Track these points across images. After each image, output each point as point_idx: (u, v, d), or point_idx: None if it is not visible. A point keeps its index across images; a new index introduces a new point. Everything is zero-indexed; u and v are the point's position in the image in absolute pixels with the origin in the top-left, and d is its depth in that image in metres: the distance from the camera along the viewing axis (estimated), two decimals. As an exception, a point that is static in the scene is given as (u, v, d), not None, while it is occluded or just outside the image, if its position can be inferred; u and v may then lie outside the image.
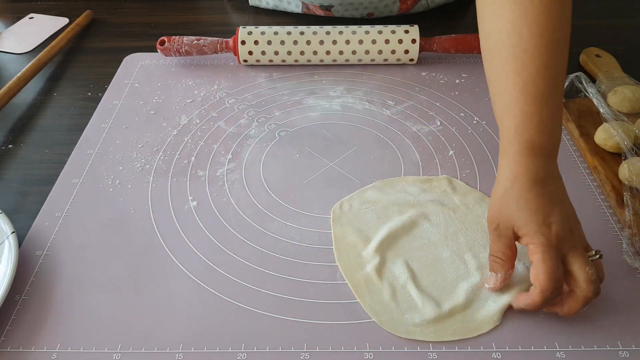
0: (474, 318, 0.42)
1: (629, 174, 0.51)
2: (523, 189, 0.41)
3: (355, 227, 0.49)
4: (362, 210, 0.51)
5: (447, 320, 0.42)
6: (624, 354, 0.40)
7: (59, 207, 0.53)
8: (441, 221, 0.50)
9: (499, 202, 0.42)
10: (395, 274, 0.45)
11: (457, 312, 0.43)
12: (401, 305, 0.43)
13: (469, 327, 0.42)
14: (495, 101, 0.45)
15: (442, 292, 0.44)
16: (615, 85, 0.62)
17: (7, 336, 0.42)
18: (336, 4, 0.78)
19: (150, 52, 0.76)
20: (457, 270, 0.46)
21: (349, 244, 0.48)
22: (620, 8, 0.86)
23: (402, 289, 0.44)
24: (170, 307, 0.44)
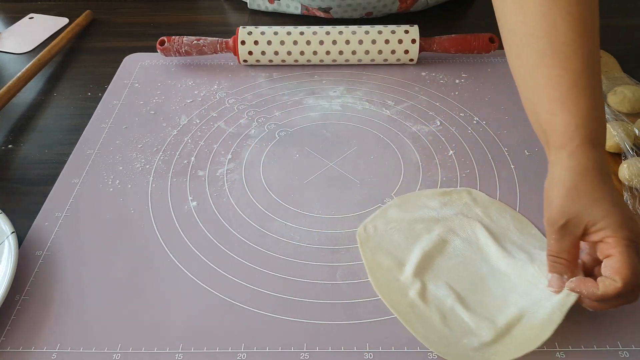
0: (532, 326, 0.40)
1: (628, 174, 0.51)
2: (596, 182, 0.39)
3: (385, 250, 0.47)
4: (389, 231, 0.49)
5: (507, 337, 0.40)
6: (624, 354, 0.40)
7: (59, 207, 0.53)
8: (470, 235, 0.48)
9: (567, 198, 0.39)
10: (439, 297, 0.43)
11: (514, 326, 0.41)
12: (455, 330, 0.41)
13: (531, 337, 0.39)
14: (534, 96, 0.43)
15: (493, 309, 0.42)
16: (615, 85, 0.63)
17: (7, 336, 0.42)
18: (334, 5, 0.78)
19: (150, 52, 0.76)
20: (501, 283, 0.44)
21: (384, 269, 0.46)
22: (620, 8, 0.86)
23: (451, 312, 0.42)
24: (169, 307, 0.44)
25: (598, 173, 0.39)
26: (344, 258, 0.48)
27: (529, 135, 0.60)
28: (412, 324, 0.42)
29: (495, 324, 0.41)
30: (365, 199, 0.54)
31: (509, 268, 0.45)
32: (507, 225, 0.49)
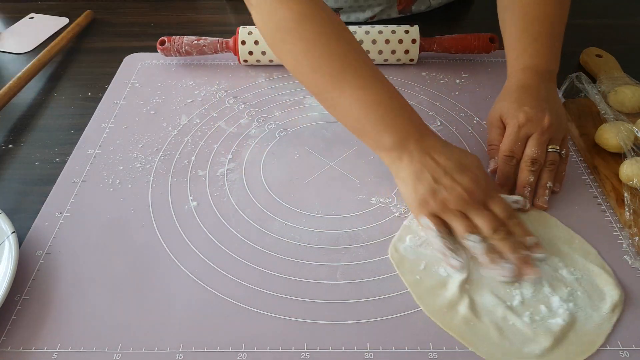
0: (586, 331, 0.41)
1: (629, 174, 0.51)
2: (511, 90, 0.55)
3: (424, 268, 0.46)
4: (420, 248, 0.48)
5: (564, 343, 0.41)
6: (624, 354, 0.40)
7: (59, 207, 0.53)
8: None
9: (495, 105, 0.56)
10: (489, 308, 0.43)
11: (568, 331, 0.41)
12: (514, 340, 0.41)
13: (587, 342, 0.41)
14: (505, 44, 0.59)
15: (543, 312, 0.42)
16: (616, 85, 0.62)
17: (8, 336, 0.42)
18: (346, 6, 0.79)
19: (150, 52, 0.76)
20: (539, 286, 0.44)
21: (428, 288, 0.45)
22: (620, 8, 0.86)
23: (504, 322, 0.42)
24: (170, 307, 0.44)
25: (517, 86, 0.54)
26: (344, 258, 0.48)
27: (529, 135, 0.60)
28: (471, 341, 0.41)
29: (550, 329, 0.41)
30: (365, 199, 0.54)
31: (549, 270, 0.45)
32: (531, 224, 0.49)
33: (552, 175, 0.52)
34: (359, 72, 0.49)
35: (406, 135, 0.48)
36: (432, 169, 0.47)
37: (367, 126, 0.49)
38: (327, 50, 0.49)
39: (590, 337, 0.41)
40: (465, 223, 0.46)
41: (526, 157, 0.52)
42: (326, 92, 0.50)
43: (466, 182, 0.46)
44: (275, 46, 0.52)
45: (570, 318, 0.42)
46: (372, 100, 0.48)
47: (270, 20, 0.51)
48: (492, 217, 0.46)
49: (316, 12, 0.50)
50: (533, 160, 0.51)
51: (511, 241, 0.45)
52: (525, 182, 0.51)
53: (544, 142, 0.52)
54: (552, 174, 0.52)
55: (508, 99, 0.54)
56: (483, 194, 0.46)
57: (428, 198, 0.47)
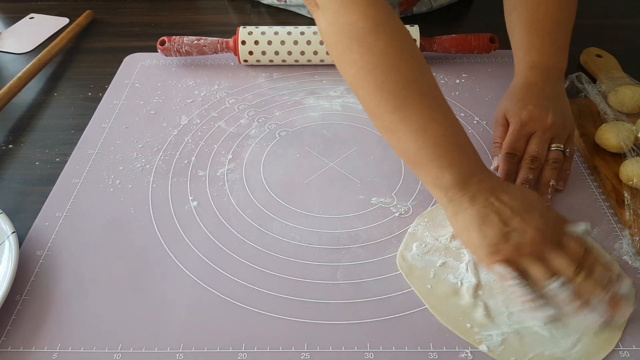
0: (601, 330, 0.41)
1: (629, 174, 0.51)
2: (517, 89, 0.55)
3: (434, 276, 0.46)
4: (427, 255, 0.47)
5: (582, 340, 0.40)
6: (624, 354, 0.40)
7: (59, 207, 0.53)
8: None
9: (500, 103, 0.56)
10: (504, 314, 0.42)
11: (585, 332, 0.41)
12: (534, 344, 0.40)
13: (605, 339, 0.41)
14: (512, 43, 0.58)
15: None
16: (616, 85, 0.62)
17: (8, 336, 0.42)
18: None
19: (150, 52, 0.76)
20: None
21: (441, 297, 0.44)
22: (620, 8, 0.86)
23: (518, 324, 0.42)
24: (170, 307, 0.44)
25: (522, 84, 0.55)
26: (345, 258, 0.48)
27: (529, 135, 0.60)
28: (496, 351, 0.40)
29: (567, 328, 0.41)
30: (365, 199, 0.54)
31: None
32: None
33: (554, 173, 0.51)
34: (427, 99, 0.44)
35: (469, 175, 0.43)
36: (498, 211, 0.42)
37: (426, 160, 0.44)
38: (396, 68, 0.43)
39: (607, 333, 0.41)
40: (544, 268, 0.41)
41: (527, 154, 0.52)
42: (387, 114, 0.44)
43: (537, 222, 0.42)
44: (339, 54, 0.46)
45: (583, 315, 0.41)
46: (437, 133, 0.43)
47: (339, 26, 0.45)
48: (570, 256, 0.42)
49: (390, 22, 0.44)
50: (533, 158, 0.51)
51: (594, 281, 0.41)
52: (524, 179, 0.51)
53: (545, 140, 0.52)
54: (555, 172, 0.51)
55: (513, 97, 0.54)
56: (555, 232, 0.43)
57: (499, 243, 0.42)
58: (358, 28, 0.43)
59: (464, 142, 0.45)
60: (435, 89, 0.45)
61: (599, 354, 0.40)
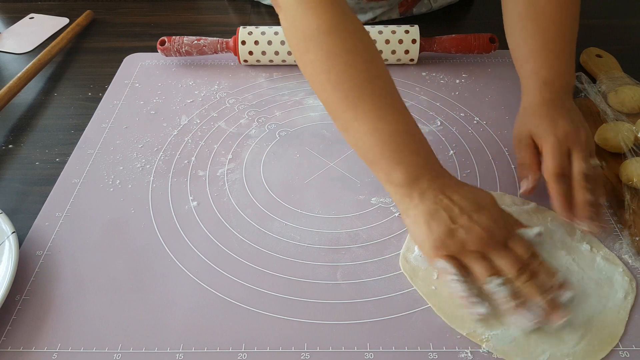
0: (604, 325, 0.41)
1: (629, 174, 0.51)
2: (537, 108, 0.51)
3: (437, 278, 0.45)
4: None
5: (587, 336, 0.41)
6: (624, 354, 0.40)
7: (59, 207, 0.53)
8: None
9: (520, 122, 0.53)
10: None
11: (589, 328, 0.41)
12: (539, 342, 0.40)
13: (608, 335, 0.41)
14: (517, 57, 0.56)
15: None
16: (616, 85, 0.62)
17: (8, 336, 0.42)
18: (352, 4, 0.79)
19: (150, 52, 0.76)
20: None
21: (446, 299, 0.44)
22: (620, 8, 0.86)
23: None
24: (170, 307, 0.44)
25: (541, 102, 0.51)
26: (345, 258, 0.48)
27: (529, 135, 0.60)
28: (501, 349, 0.40)
29: (572, 326, 0.41)
30: (365, 199, 0.54)
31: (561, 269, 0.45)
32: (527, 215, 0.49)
33: (600, 191, 0.49)
34: (379, 98, 0.46)
35: (419, 173, 0.45)
36: (447, 208, 0.43)
37: (378, 158, 0.46)
38: (349, 69, 0.45)
39: (610, 328, 0.41)
40: (486, 265, 0.42)
41: (577, 174, 0.47)
42: (341, 113, 0.47)
43: (484, 221, 0.43)
44: (298, 54, 0.48)
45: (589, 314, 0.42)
46: (387, 132, 0.45)
47: (297, 27, 0.47)
48: (514, 257, 0.42)
49: (345, 23, 0.46)
50: (586, 175, 0.47)
51: (537, 283, 0.41)
52: (585, 201, 0.47)
53: (587, 157, 0.49)
54: (602, 190, 0.49)
55: (537, 115, 0.51)
56: (502, 233, 0.43)
57: (445, 239, 0.43)
58: (313, 30, 0.46)
59: (415, 141, 0.46)
60: (390, 89, 0.47)
61: (603, 349, 0.40)
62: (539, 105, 0.51)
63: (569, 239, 0.48)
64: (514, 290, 0.41)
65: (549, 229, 0.49)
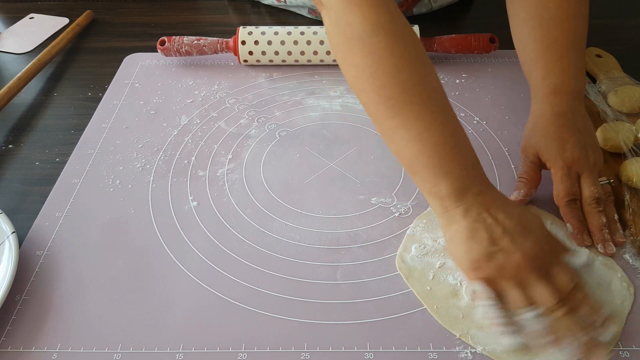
0: None
1: (629, 174, 0.51)
2: (547, 122, 0.50)
3: (433, 278, 0.45)
4: (427, 257, 0.47)
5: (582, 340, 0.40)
6: (624, 354, 0.40)
7: (59, 207, 0.53)
8: None
9: (529, 135, 0.52)
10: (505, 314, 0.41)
11: None
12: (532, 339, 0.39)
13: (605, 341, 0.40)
14: (525, 61, 0.55)
15: None
16: (616, 85, 0.63)
17: (8, 336, 0.42)
18: None
19: (150, 52, 0.76)
20: None
21: (441, 299, 0.44)
22: (620, 8, 0.86)
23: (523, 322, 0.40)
24: (170, 307, 0.44)
25: (551, 114, 0.50)
26: (345, 258, 0.48)
27: (529, 135, 0.60)
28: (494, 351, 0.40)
29: None
30: (365, 199, 0.54)
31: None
32: None
33: (613, 207, 0.49)
34: (428, 104, 0.43)
35: (465, 187, 0.42)
36: (489, 228, 0.41)
37: (422, 168, 0.43)
38: (397, 73, 0.42)
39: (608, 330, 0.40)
40: (522, 294, 0.40)
41: (589, 199, 0.47)
42: (386, 119, 0.44)
43: (527, 247, 0.40)
44: (341, 56, 0.45)
45: None
46: (435, 142, 0.42)
47: (340, 26, 0.44)
48: (554, 289, 0.39)
49: (393, 23, 0.43)
50: (597, 199, 0.47)
51: (575, 320, 0.38)
52: (600, 225, 0.47)
53: (597, 179, 0.49)
54: (613, 205, 0.49)
55: (545, 133, 0.50)
56: (545, 260, 0.40)
57: (483, 261, 0.40)
58: (358, 30, 0.43)
59: (464, 151, 0.43)
60: (438, 94, 0.44)
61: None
62: (549, 122, 0.50)
63: (568, 242, 0.48)
64: (550, 324, 0.38)
65: None
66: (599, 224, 0.47)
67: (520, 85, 0.68)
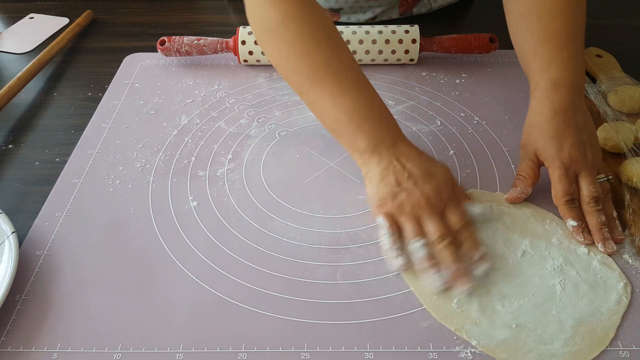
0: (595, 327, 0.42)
1: (629, 174, 0.51)
2: (546, 119, 0.50)
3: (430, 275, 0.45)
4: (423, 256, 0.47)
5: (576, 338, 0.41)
6: (624, 354, 0.40)
7: (59, 207, 0.53)
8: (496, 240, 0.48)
9: (528, 132, 0.52)
10: (499, 311, 0.43)
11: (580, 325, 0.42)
12: (527, 342, 0.41)
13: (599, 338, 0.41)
14: (523, 56, 0.55)
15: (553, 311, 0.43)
16: (616, 85, 0.63)
17: (8, 336, 0.42)
18: (346, 7, 0.79)
19: (150, 52, 0.76)
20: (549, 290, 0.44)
21: (439, 296, 0.44)
22: (620, 8, 0.86)
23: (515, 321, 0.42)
24: (170, 307, 0.44)
25: (550, 111, 0.50)
26: (345, 258, 0.48)
27: (529, 135, 0.60)
28: (488, 346, 0.41)
29: (562, 326, 0.41)
30: (365, 199, 0.53)
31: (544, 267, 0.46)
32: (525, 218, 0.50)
33: (612, 204, 0.50)
34: (339, 77, 0.50)
35: (380, 140, 0.49)
36: (397, 173, 0.48)
37: (342, 129, 0.51)
38: (306, 54, 0.50)
39: (601, 331, 0.41)
40: (415, 228, 0.46)
41: (587, 198, 0.48)
42: (303, 94, 0.53)
43: (427, 189, 0.47)
44: (261, 44, 0.54)
45: (577, 313, 0.42)
46: (350, 107, 0.49)
47: (257, 19, 0.52)
48: (443, 225, 0.46)
49: (302, 12, 0.50)
50: (596, 199, 0.48)
51: (453, 250, 0.45)
52: (599, 224, 0.48)
53: (595, 178, 0.49)
54: (611, 202, 0.50)
55: (544, 131, 0.50)
56: (441, 202, 0.47)
57: (387, 199, 0.48)
58: (270, 22, 0.50)
59: (376, 112, 0.51)
60: (350, 68, 0.51)
61: (592, 352, 0.40)
62: (549, 119, 0.50)
63: (567, 242, 0.48)
64: (431, 253, 0.45)
65: (547, 231, 0.49)
66: (598, 223, 0.48)
67: (520, 85, 0.68)
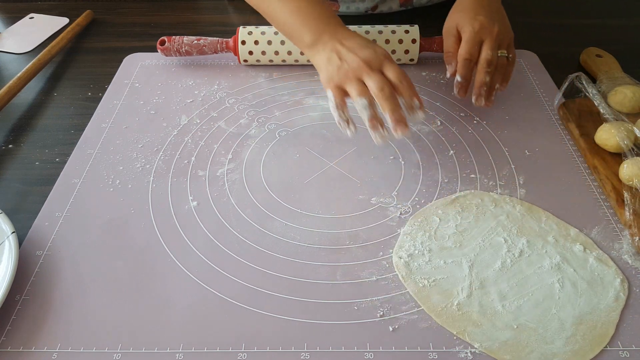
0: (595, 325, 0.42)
1: (629, 174, 0.51)
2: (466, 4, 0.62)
3: (431, 278, 0.46)
4: (423, 258, 0.47)
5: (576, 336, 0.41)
6: (624, 354, 0.40)
7: (59, 207, 0.53)
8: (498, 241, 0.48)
9: (450, 15, 0.64)
10: (500, 312, 0.43)
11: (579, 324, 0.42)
12: (529, 343, 0.41)
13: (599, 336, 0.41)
14: None
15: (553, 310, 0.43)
16: (616, 85, 0.62)
17: (8, 336, 0.42)
18: None
19: (150, 52, 0.76)
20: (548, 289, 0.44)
21: (437, 298, 0.44)
22: (620, 8, 0.86)
23: (515, 321, 0.42)
24: (170, 307, 0.44)
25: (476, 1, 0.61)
26: (344, 258, 0.48)
27: (529, 134, 0.60)
28: (490, 347, 0.41)
29: (562, 325, 0.42)
30: (365, 199, 0.54)
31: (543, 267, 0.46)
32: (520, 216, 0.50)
33: (500, 77, 0.59)
34: None
35: (322, 32, 0.57)
36: (339, 52, 0.54)
37: (291, 29, 0.59)
38: None
39: (600, 329, 0.41)
40: (358, 87, 0.52)
41: (482, 60, 0.58)
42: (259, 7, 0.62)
43: (365, 54, 0.53)
44: None
45: (577, 311, 0.42)
46: (293, 9, 0.58)
47: None
48: (383, 79, 0.52)
49: None
50: (489, 62, 0.58)
51: (392, 101, 0.51)
52: (482, 82, 0.58)
53: (495, 47, 0.59)
54: (501, 76, 0.59)
55: (462, 10, 0.61)
56: (380, 62, 0.53)
57: (334, 73, 0.54)
58: None
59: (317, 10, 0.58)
60: None
61: (593, 350, 0.40)
62: (469, 2, 0.61)
63: (562, 240, 0.48)
64: (374, 113, 0.52)
65: (543, 229, 0.49)
66: (480, 81, 0.58)
67: (520, 86, 0.68)
